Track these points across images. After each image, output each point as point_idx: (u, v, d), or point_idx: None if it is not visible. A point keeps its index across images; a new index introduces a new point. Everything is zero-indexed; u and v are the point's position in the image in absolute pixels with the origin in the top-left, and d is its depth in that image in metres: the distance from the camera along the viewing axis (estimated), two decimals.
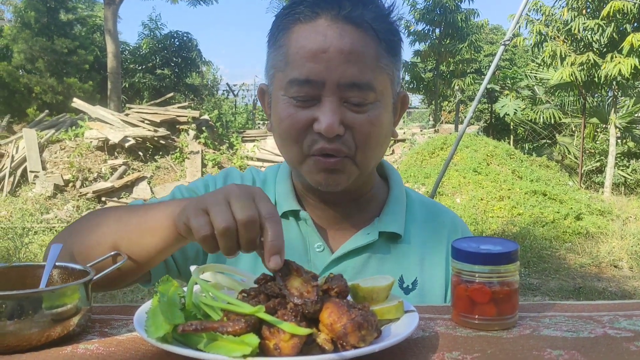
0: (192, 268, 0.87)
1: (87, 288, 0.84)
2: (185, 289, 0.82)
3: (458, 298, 0.91)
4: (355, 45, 1.03)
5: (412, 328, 0.79)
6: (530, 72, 16.56)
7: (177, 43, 19.50)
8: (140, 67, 19.15)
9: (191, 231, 0.82)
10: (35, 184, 10.02)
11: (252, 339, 0.68)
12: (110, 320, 0.91)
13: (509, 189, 10.27)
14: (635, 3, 11.47)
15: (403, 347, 0.80)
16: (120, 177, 10.52)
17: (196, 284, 0.82)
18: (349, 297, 0.85)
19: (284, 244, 0.79)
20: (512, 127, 17.62)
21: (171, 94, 16.41)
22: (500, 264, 0.89)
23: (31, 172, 10.27)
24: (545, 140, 17.17)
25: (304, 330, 0.69)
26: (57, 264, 0.93)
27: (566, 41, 12.88)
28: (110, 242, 0.99)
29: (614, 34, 12.02)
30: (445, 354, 0.78)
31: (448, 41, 18.12)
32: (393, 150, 13.67)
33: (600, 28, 12.03)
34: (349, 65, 1.02)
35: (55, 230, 8.22)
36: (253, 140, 13.55)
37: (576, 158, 14.91)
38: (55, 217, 8.95)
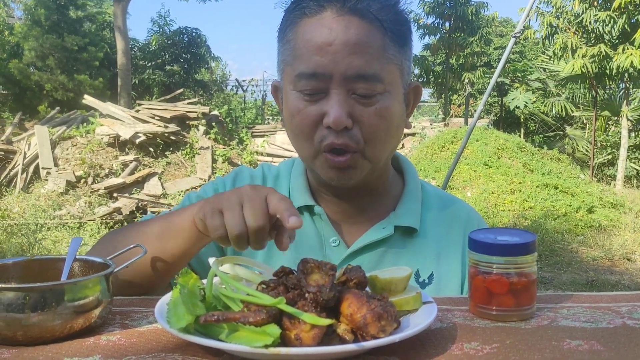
0: (211, 260, 0.88)
1: (108, 280, 0.85)
2: (204, 281, 0.83)
3: (476, 289, 0.91)
4: (360, 36, 1.03)
5: (432, 318, 0.79)
6: (541, 65, 16.44)
7: (186, 39, 19.52)
8: (149, 64, 19.19)
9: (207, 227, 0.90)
10: (47, 180, 10.10)
11: (274, 330, 0.69)
12: (130, 312, 0.92)
13: (520, 182, 10.22)
14: None
15: (422, 338, 0.80)
16: (132, 173, 10.57)
17: (215, 275, 0.82)
18: (367, 289, 0.85)
19: (297, 211, 0.85)
20: (522, 120, 17.51)
21: (180, 90, 16.44)
22: (517, 255, 0.89)
23: (43, 168, 10.35)
24: (556, 132, 17.06)
25: (324, 321, 0.70)
26: (77, 257, 0.94)
27: (577, 33, 12.77)
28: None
29: (626, 26, 11.90)
30: (464, 345, 0.79)
31: (458, 34, 18.03)
32: (403, 144, 13.64)
33: (612, 20, 11.92)
34: (354, 57, 1.02)
35: (68, 227, 8.28)
36: (262, 136, 13.57)
37: (587, 151, 14.80)
38: (68, 213, 9.02)
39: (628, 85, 13.20)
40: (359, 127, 1.05)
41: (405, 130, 1.23)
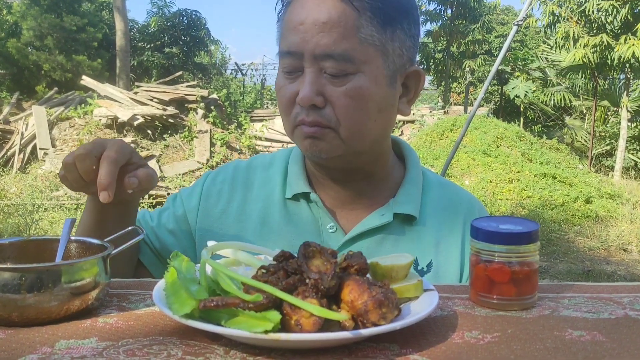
0: (210, 243, 0.86)
1: (105, 262, 0.84)
2: (197, 266, 0.81)
3: (477, 277, 0.90)
4: (331, 15, 1.02)
5: (433, 306, 0.78)
6: (542, 54, 16.38)
7: (186, 21, 19.38)
8: (148, 46, 19.07)
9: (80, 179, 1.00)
10: (44, 161, 10.07)
11: (274, 315, 0.68)
12: (128, 295, 0.91)
13: (518, 172, 10.23)
14: None
15: (423, 326, 0.79)
16: None
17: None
18: (368, 275, 0.84)
19: (111, 181, 0.94)
20: (522, 109, 17.48)
21: (179, 73, 16.36)
22: (520, 244, 0.88)
23: (41, 149, 10.32)
24: (555, 122, 17.05)
25: (335, 315, 0.69)
26: (74, 238, 0.93)
27: (579, 22, 12.70)
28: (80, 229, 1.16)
29: (629, 16, 11.84)
30: (465, 333, 0.78)
31: (460, 21, 17.94)
32: (402, 132, 13.62)
33: (615, 9, 11.85)
34: (322, 36, 1.02)
35: (65, 208, 8.27)
36: (261, 120, 13.54)
37: (586, 141, 14.81)
38: (65, 194, 9.00)
39: (629, 76, 13.17)
40: (332, 107, 1.06)
41: (405, 118, 1.23)
